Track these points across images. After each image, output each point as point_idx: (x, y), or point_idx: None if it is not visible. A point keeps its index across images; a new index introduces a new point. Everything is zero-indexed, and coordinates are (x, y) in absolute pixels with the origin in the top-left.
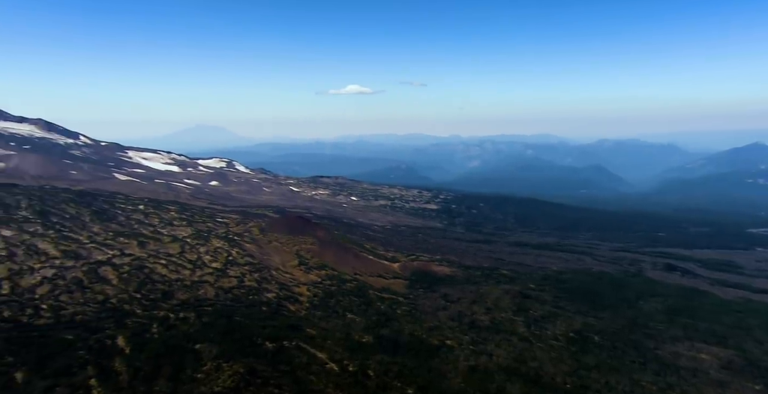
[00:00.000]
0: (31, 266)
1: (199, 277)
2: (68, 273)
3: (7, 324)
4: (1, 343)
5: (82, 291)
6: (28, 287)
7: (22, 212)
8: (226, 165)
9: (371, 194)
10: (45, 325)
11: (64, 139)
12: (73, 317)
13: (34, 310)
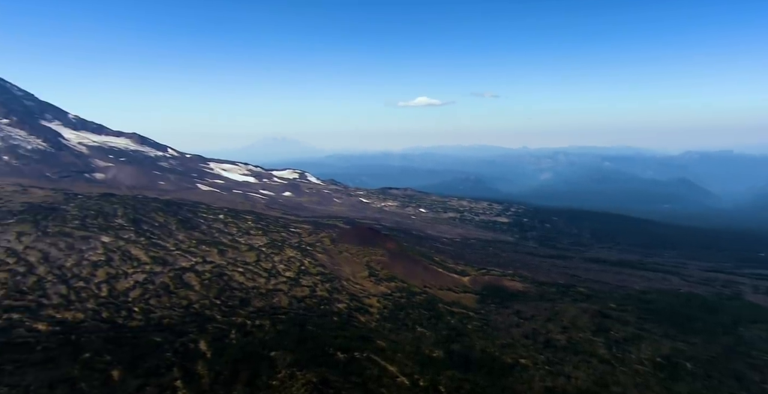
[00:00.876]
0: (125, 270)
1: (274, 285)
2: (157, 278)
3: (105, 324)
4: (101, 342)
5: (169, 296)
6: (122, 291)
7: (118, 219)
8: (299, 176)
9: (440, 206)
10: (137, 327)
11: (155, 151)
12: (160, 320)
13: (128, 312)
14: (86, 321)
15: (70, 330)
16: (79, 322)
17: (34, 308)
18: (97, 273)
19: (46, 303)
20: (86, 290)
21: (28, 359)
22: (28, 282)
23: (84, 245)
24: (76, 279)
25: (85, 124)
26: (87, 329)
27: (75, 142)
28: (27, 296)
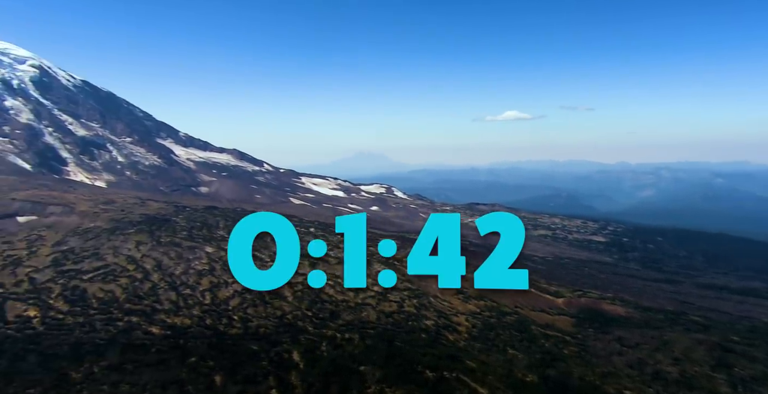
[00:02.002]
0: (226, 279)
1: (362, 299)
2: None
3: (208, 331)
4: (205, 347)
5: (264, 306)
6: (223, 299)
7: (220, 231)
8: (386, 191)
9: (529, 223)
10: (236, 334)
11: (252, 166)
12: (257, 329)
13: (228, 320)
14: (192, 327)
15: (178, 335)
16: (187, 327)
17: (149, 312)
18: (202, 282)
19: (159, 308)
20: (192, 297)
21: (144, 360)
22: (144, 288)
23: (191, 254)
24: (184, 287)
25: (192, 141)
26: (193, 334)
27: (184, 158)
28: (143, 300)
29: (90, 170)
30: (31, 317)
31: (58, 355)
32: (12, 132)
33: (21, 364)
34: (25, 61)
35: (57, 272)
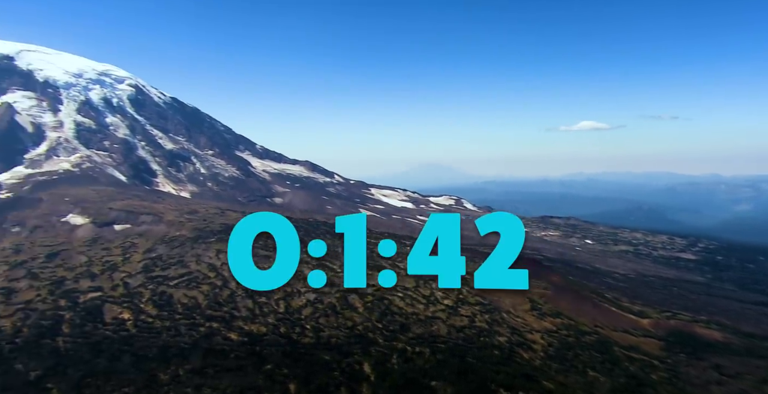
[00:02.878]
0: (299, 289)
1: (432, 313)
2: (325, 298)
3: (282, 339)
4: (280, 356)
5: (336, 316)
6: (296, 308)
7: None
8: (455, 202)
9: (609, 238)
10: (309, 344)
11: (323, 177)
12: (329, 339)
13: (301, 329)
14: (268, 335)
15: (255, 342)
16: (262, 335)
17: (228, 318)
18: (276, 290)
19: (237, 315)
20: (267, 306)
21: (224, 365)
22: (223, 295)
23: (266, 263)
24: (260, 295)
25: (268, 154)
26: (268, 342)
27: (260, 170)
28: (223, 307)
29: (176, 182)
30: (125, 319)
31: (148, 357)
32: (111, 146)
33: (117, 364)
34: (123, 81)
35: (147, 277)
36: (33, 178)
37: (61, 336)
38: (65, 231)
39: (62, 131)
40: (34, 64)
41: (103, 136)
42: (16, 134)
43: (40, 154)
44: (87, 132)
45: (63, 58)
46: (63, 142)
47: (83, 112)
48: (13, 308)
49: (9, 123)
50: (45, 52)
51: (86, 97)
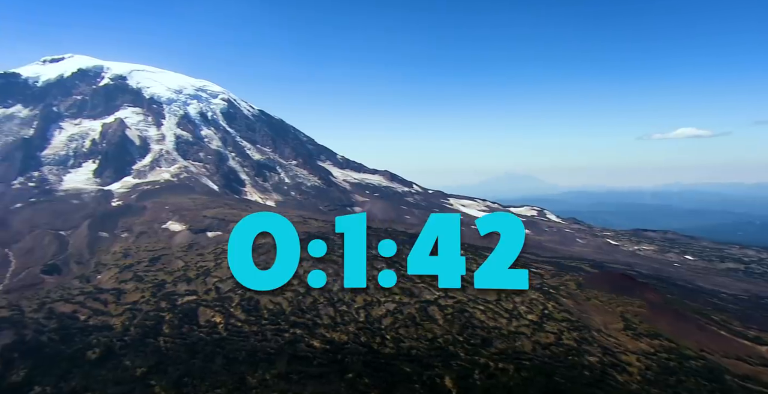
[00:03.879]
0: (379, 298)
1: (516, 328)
2: (405, 309)
3: (363, 348)
4: (361, 365)
5: (416, 327)
6: (377, 318)
7: (372, 250)
8: (537, 213)
9: (714, 254)
10: (389, 354)
11: (402, 187)
12: (409, 350)
13: (381, 339)
14: (349, 343)
15: (337, 349)
16: (344, 343)
17: (311, 325)
18: (357, 299)
19: (319, 323)
20: (348, 314)
21: (308, 371)
22: (306, 302)
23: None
24: (341, 303)
25: (348, 163)
26: (349, 350)
27: (341, 180)
28: (306, 314)
29: (262, 191)
30: (217, 322)
31: (238, 360)
32: (205, 157)
33: (211, 365)
34: (217, 96)
35: (236, 283)
36: (139, 187)
37: (162, 336)
38: (165, 237)
39: (164, 144)
40: (142, 82)
41: (198, 148)
42: (126, 147)
43: (145, 165)
44: (185, 144)
45: (166, 76)
46: (164, 154)
47: (182, 126)
48: (122, 307)
49: (120, 137)
50: (151, 71)
51: (185, 112)
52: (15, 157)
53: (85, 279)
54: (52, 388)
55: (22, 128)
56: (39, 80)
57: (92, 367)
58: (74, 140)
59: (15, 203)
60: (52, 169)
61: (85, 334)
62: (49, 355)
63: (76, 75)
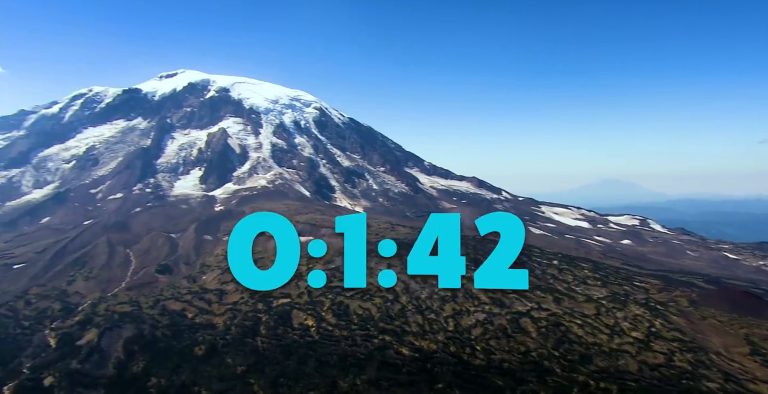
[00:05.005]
0: (468, 308)
1: (618, 345)
2: (495, 319)
3: (452, 358)
4: (450, 375)
5: (507, 339)
6: (466, 327)
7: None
8: (639, 223)
9: None
10: (479, 366)
11: (490, 194)
12: (501, 363)
13: (471, 350)
14: (438, 352)
15: (425, 358)
16: (433, 352)
17: (400, 332)
18: (445, 308)
19: (408, 330)
20: (437, 323)
21: (397, 379)
22: (394, 309)
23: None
24: (429, 311)
25: (435, 170)
26: (438, 359)
27: (428, 186)
28: (394, 321)
29: (351, 197)
30: (310, 325)
31: (329, 363)
32: (298, 164)
33: (304, 367)
34: (310, 105)
35: (327, 287)
36: (239, 193)
37: (259, 336)
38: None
39: (261, 152)
40: (243, 93)
41: (292, 156)
42: (228, 155)
43: (244, 172)
44: (280, 152)
45: (264, 87)
46: (261, 162)
47: (277, 134)
48: (224, 307)
49: (223, 146)
50: (251, 83)
51: (280, 121)
52: (135, 166)
53: (192, 279)
54: (166, 380)
55: (142, 139)
56: (156, 94)
57: (199, 362)
58: (184, 149)
59: (135, 208)
60: (165, 177)
61: (193, 331)
62: (163, 349)
63: (186, 89)
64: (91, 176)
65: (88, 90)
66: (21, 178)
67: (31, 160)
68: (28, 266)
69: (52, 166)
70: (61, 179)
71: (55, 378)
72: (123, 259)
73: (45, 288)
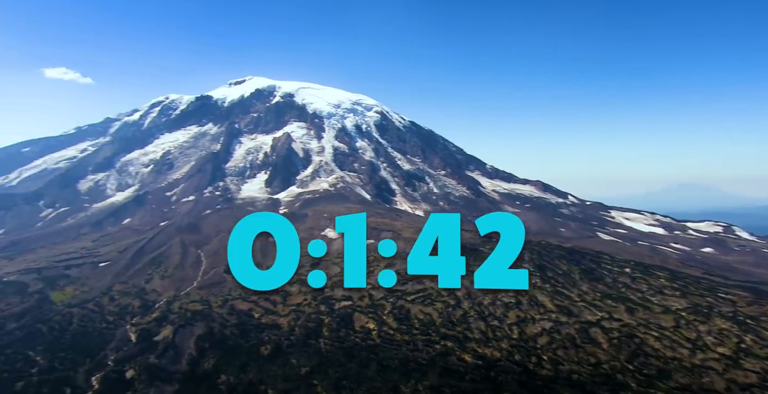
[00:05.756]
0: (533, 316)
1: (701, 361)
2: (562, 328)
3: (517, 367)
4: (516, 385)
5: (576, 349)
6: (531, 336)
7: (525, 264)
8: (723, 230)
9: None
10: (546, 376)
11: (556, 198)
12: (569, 374)
13: (537, 359)
14: (501, 360)
15: (489, 366)
16: (496, 360)
17: (462, 339)
18: (509, 315)
19: (470, 336)
20: (500, 330)
21: (460, 386)
22: (456, 315)
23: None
24: (492, 318)
25: (497, 173)
26: (503, 368)
27: (489, 190)
28: (456, 327)
29: (411, 200)
30: (371, 329)
31: (391, 367)
32: (359, 168)
33: (366, 370)
34: (371, 108)
35: (387, 291)
36: (302, 196)
37: (322, 338)
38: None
39: (323, 155)
40: (306, 98)
41: (353, 159)
42: (292, 159)
43: (307, 175)
44: (341, 156)
45: (327, 92)
46: (323, 165)
47: (339, 138)
48: (288, 308)
49: (287, 150)
50: (315, 88)
51: (342, 125)
52: (206, 170)
53: None
54: (234, 378)
55: (212, 144)
56: (225, 101)
57: (265, 362)
58: (250, 153)
59: (205, 210)
60: (233, 180)
61: (259, 330)
62: (231, 347)
63: (253, 95)
64: (167, 180)
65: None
66: (106, 181)
67: (115, 165)
68: (111, 264)
69: (132, 170)
70: (141, 182)
71: (136, 372)
72: (194, 259)
73: (126, 285)
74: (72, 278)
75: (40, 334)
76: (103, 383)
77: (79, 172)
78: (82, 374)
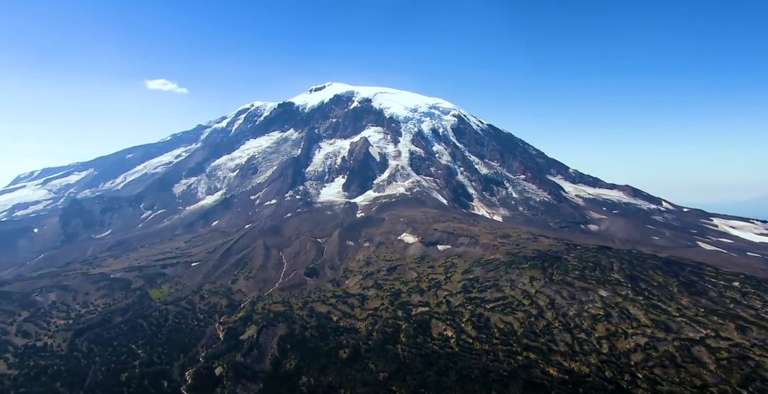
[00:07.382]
0: (624, 329)
1: None
2: (660, 345)
3: (609, 384)
4: None
5: (676, 369)
6: (623, 351)
7: (614, 274)
8: None
9: None
10: None
11: (647, 204)
12: None
13: (631, 377)
14: (590, 376)
15: (576, 382)
16: (585, 375)
17: (545, 351)
18: (597, 327)
19: (555, 349)
20: (588, 343)
21: None
22: (539, 325)
23: (584, 296)
24: (578, 330)
25: (581, 177)
26: (592, 385)
27: (573, 195)
28: (539, 338)
29: (489, 205)
30: (449, 336)
31: (470, 377)
32: (436, 172)
33: (444, 379)
34: (448, 112)
35: (466, 298)
36: (378, 200)
37: (400, 344)
38: (400, 248)
39: (399, 160)
40: (383, 103)
41: (430, 163)
42: (368, 163)
43: (383, 179)
44: (418, 160)
45: (403, 96)
46: (400, 169)
47: (416, 142)
48: (365, 312)
49: (364, 154)
50: (392, 93)
51: (419, 129)
52: (287, 174)
53: (336, 283)
54: (314, 380)
55: (293, 149)
56: (306, 107)
57: (344, 365)
58: (329, 158)
59: (286, 213)
60: (312, 184)
61: (337, 334)
62: (312, 349)
63: (332, 100)
64: (251, 183)
65: (250, 105)
66: (197, 185)
67: (205, 170)
68: (202, 265)
69: (220, 174)
70: (227, 186)
71: (224, 369)
72: (276, 261)
73: (215, 285)
74: (168, 276)
75: (141, 328)
76: (195, 378)
77: (173, 177)
78: (177, 369)
